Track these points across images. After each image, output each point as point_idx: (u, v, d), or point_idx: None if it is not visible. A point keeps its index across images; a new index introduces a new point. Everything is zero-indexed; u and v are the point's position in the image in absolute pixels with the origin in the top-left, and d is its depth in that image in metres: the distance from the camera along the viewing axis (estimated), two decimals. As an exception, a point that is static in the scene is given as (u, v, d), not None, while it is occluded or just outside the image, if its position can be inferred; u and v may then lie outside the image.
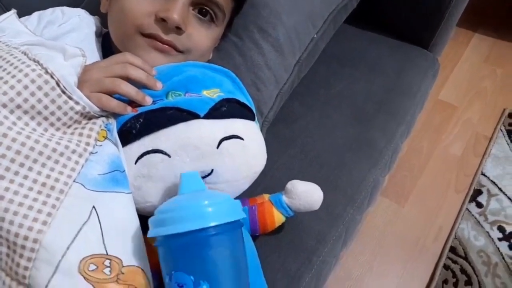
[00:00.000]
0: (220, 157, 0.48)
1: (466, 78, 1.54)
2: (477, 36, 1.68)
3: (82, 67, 0.46)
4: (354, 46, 0.86)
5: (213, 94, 0.51)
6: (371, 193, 0.70)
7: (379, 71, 0.82)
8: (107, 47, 0.61)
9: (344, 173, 0.68)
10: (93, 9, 0.71)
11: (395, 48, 0.86)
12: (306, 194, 0.54)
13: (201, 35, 0.57)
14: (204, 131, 0.47)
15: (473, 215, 1.19)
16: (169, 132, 0.46)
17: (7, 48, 0.45)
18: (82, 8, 0.75)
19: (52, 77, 0.41)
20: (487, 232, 1.15)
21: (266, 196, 0.56)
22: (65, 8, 0.61)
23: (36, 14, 0.59)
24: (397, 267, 1.11)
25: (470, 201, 1.22)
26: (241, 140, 0.50)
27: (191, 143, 0.46)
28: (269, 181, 0.64)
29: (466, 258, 1.11)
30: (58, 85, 0.42)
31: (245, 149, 0.50)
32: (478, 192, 1.24)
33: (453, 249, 1.13)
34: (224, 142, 0.48)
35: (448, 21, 0.83)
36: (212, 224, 0.38)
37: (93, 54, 0.58)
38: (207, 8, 0.57)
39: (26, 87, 0.40)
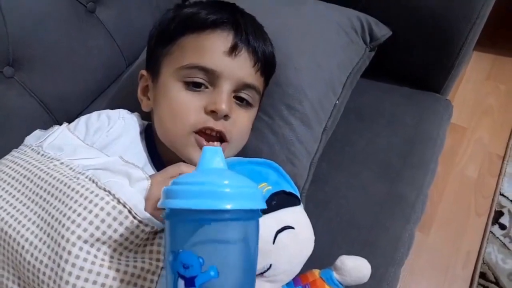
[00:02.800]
0: (276, 251, 0.51)
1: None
2: (476, 54, 1.73)
3: (147, 190, 0.49)
4: (369, 98, 0.90)
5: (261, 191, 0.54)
6: (408, 247, 0.73)
7: (397, 122, 0.85)
8: (149, 139, 0.65)
9: (381, 233, 0.71)
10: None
11: (408, 97, 0.90)
12: (356, 269, 0.57)
13: (243, 119, 0.62)
14: (260, 232, 0.50)
15: (497, 237, 1.22)
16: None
17: (73, 173, 0.48)
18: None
19: (124, 206, 0.45)
20: (514, 254, 1.18)
21: (316, 272, 0.59)
22: (109, 112, 0.64)
23: (83, 122, 0.61)
24: (430, 298, 1.13)
25: (493, 223, 1.25)
26: (293, 229, 0.53)
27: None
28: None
29: (497, 283, 1.13)
30: (130, 212, 0.45)
31: (297, 237, 0.54)
32: (499, 214, 1.27)
33: (483, 275, 1.15)
34: (279, 236, 0.52)
35: (460, 65, 0.87)
36: (238, 207, 0.35)
37: (140, 154, 0.61)
38: (244, 95, 0.61)
39: (103, 220, 0.44)
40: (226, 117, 0.59)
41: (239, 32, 0.60)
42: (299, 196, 0.59)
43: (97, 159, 0.51)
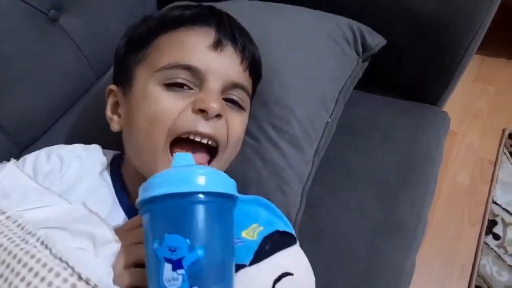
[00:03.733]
0: (276, 305, 0.44)
1: (461, 101, 1.54)
2: (464, 55, 1.69)
3: (116, 255, 0.41)
4: (362, 112, 0.83)
5: (252, 234, 0.47)
6: (410, 277, 0.67)
7: (394, 138, 0.79)
8: (116, 174, 0.57)
9: (381, 264, 0.65)
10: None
11: (404, 110, 0.84)
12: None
13: (237, 121, 0.54)
14: (255, 284, 0.44)
15: (491, 248, 1.18)
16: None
17: (21, 233, 0.39)
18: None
19: (87, 283, 0.36)
20: (510, 265, 1.14)
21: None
22: (61, 151, 0.54)
23: (29, 163, 0.51)
24: (426, 315, 1.08)
25: (487, 233, 1.21)
26: (291, 276, 0.46)
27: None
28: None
29: (493, 297, 1.09)
30: None
31: (296, 283, 0.47)
32: (493, 223, 1.23)
33: (478, 289, 1.11)
34: (277, 286, 0.45)
35: (459, 76, 0.81)
36: (217, 190, 0.38)
37: (106, 198, 0.53)
38: (234, 96, 0.54)
39: None
40: (218, 117, 0.50)
41: (222, 27, 0.53)
42: (294, 233, 0.52)
43: (52, 208, 0.42)
